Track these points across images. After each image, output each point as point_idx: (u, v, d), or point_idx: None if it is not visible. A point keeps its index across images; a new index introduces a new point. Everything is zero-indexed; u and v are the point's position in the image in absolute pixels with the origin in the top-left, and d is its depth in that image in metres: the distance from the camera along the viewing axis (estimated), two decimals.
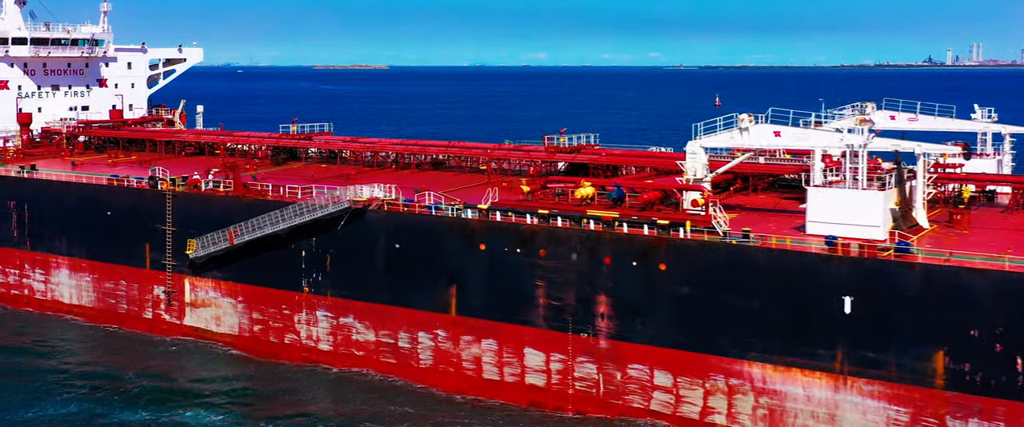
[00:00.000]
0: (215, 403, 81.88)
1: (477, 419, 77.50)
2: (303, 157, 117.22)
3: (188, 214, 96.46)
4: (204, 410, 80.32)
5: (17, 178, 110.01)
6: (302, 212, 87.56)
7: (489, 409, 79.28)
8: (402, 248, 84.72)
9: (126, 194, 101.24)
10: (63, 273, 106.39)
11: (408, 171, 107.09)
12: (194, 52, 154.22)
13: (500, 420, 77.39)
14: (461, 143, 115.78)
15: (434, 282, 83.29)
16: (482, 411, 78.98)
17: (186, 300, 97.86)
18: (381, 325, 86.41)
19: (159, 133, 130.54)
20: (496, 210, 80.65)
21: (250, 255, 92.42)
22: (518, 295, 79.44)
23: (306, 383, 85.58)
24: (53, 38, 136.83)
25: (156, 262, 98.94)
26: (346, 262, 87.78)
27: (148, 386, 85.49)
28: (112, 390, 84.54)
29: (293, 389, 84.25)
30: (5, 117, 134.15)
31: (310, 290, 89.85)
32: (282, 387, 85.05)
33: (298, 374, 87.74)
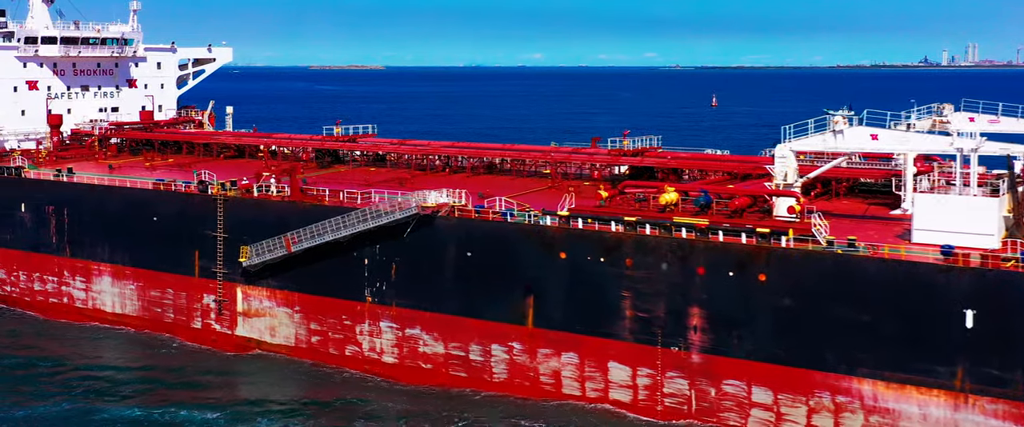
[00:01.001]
0: (273, 412, 77.49)
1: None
2: (350, 160, 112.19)
3: (240, 220, 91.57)
4: (265, 420, 75.63)
5: (56, 182, 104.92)
6: (366, 218, 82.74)
7: (570, 423, 74.49)
8: (474, 256, 79.98)
9: (174, 199, 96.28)
10: (105, 280, 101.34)
11: (461, 175, 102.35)
12: (223, 52, 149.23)
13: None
14: (517, 146, 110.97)
15: (509, 292, 78.60)
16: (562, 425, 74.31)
17: (238, 309, 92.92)
18: (451, 337, 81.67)
19: (197, 135, 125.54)
20: (578, 217, 75.92)
21: (307, 263, 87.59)
22: (602, 306, 74.84)
23: (369, 394, 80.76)
24: (83, 37, 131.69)
25: (206, 270, 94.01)
26: (413, 271, 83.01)
27: (204, 397, 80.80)
28: (165, 399, 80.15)
29: (356, 400, 79.48)
30: (35, 118, 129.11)
31: (373, 300, 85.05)
32: (344, 396, 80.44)
33: (360, 385, 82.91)
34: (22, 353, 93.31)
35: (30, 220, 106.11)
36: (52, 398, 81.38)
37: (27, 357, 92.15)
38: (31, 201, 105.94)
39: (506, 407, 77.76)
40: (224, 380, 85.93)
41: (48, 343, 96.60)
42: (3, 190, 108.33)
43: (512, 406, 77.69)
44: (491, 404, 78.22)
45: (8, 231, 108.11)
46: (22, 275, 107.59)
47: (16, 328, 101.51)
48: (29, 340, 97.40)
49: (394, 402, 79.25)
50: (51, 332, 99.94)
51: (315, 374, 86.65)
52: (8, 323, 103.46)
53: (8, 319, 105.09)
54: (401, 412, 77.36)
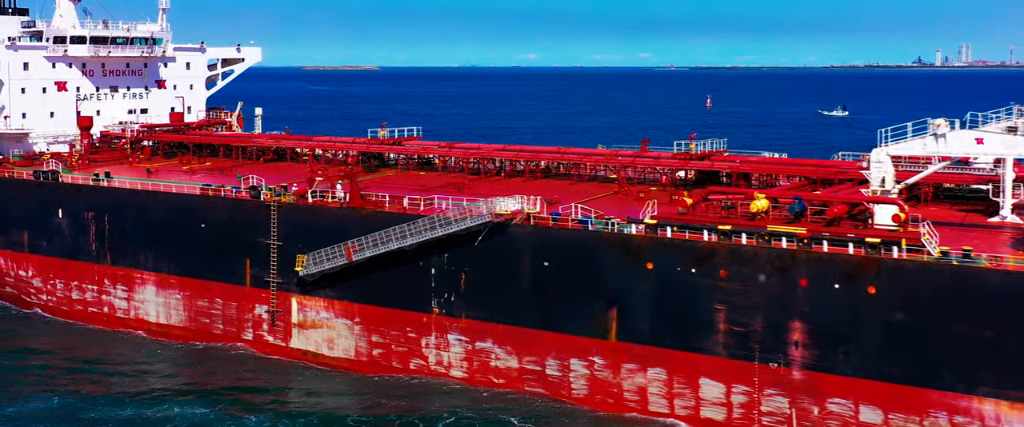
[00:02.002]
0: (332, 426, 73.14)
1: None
2: (398, 163, 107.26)
3: (295, 227, 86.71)
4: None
5: (96, 187, 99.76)
6: (435, 226, 77.98)
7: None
8: (552, 266, 75.30)
9: (223, 205, 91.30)
10: (149, 290, 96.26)
11: (517, 179, 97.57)
12: (252, 52, 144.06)
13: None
14: (575, 149, 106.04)
15: (590, 304, 73.95)
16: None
17: (293, 320, 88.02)
18: (526, 350, 76.97)
19: (233, 138, 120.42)
20: (666, 225, 71.26)
21: (368, 272, 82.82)
22: (692, 319, 70.25)
23: (436, 409, 75.88)
24: (112, 37, 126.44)
25: (258, 279, 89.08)
26: (484, 281, 78.30)
27: (259, 407, 76.57)
28: (217, 408, 76.43)
29: (420, 418, 74.66)
30: (64, 120, 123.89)
31: (441, 311, 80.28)
32: (408, 412, 75.82)
33: (426, 400, 78.11)
34: (64, 361, 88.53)
35: (68, 226, 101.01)
36: (102, 406, 77.44)
37: (69, 366, 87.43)
38: (69, 206, 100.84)
39: (586, 423, 73.21)
40: (278, 392, 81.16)
41: (90, 351, 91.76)
42: (39, 195, 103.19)
43: (593, 422, 73.16)
44: (570, 417, 73.61)
45: (44, 237, 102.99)
46: (59, 283, 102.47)
47: (54, 334, 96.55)
48: (64, 346, 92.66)
49: (464, 417, 74.43)
50: (95, 341, 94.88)
51: (377, 388, 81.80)
52: (52, 331, 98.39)
53: (50, 327, 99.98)
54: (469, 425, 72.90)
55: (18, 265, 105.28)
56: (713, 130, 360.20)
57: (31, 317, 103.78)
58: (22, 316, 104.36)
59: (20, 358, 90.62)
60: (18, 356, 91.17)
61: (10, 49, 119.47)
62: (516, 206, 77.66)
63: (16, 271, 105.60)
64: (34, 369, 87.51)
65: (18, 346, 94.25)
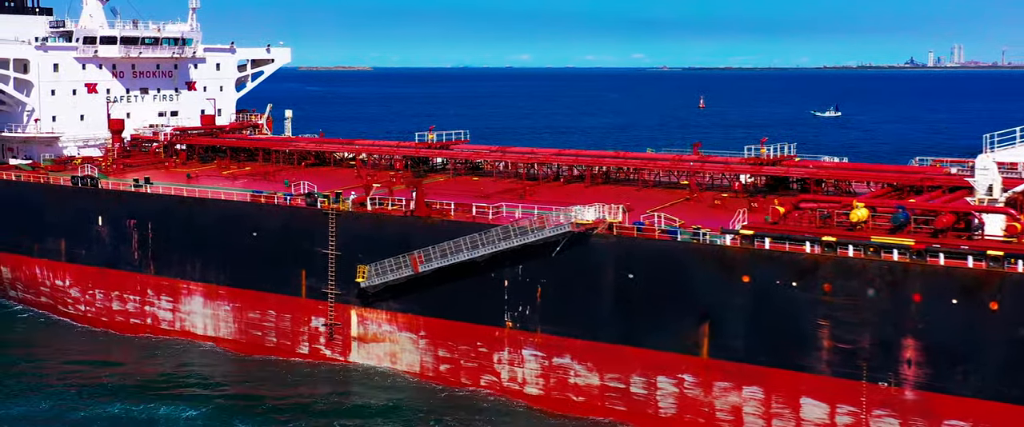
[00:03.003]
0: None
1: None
2: (449, 168, 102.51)
3: (354, 236, 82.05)
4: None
5: (138, 193, 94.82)
6: (510, 236, 73.38)
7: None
8: (637, 278, 70.73)
9: (277, 213, 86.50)
10: (196, 301, 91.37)
11: (577, 184, 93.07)
12: (282, 52, 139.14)
13: None
14: (640, 154, 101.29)
15: (679, 319, 69.44)
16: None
17: (353, 334, 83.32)
18: (608, 367, 72.44)
19: (273, 141, 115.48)
20: (763, 236, 66.79)
21: (434, 284, 78.23)
22: (793, 335, 65.80)
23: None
24: (143, 37, 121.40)
25: (314, 290, 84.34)
26: (563, 294, 73.73)
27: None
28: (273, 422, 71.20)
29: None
30: (94, 123, 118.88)
31: (514, 325, 75.69)
32: (479, 425, 71.45)
33: (498, 418, 73.60)
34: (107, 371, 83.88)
35: (108, 234, 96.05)
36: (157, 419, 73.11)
37: (121, 380, 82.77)
38: (109, 213, 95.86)
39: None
40: (337, 409, 76.46)
41: (132, 363, 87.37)
42: (77, 201, 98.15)
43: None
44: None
45: (82, 246, 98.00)
46: (98, 293, 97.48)
47: (92, 345, 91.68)
48: (103, 357, 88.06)
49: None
50: (138, 351, 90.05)
51: (444, 404, 77.20)
52: (90, 342, 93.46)
53: (88, 337, 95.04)
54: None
55: (54, 274, 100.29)
56: (706, 130, 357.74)
57: (68, 327, 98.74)
58: (61, 325, 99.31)
59: (53, 365, 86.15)
60: (50, 363, 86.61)
61: (40, 50, 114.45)
62: (597, 215, 73.06)
63: (52, 281, 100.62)
64: (65, 375, 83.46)
65: (54, 355, 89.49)
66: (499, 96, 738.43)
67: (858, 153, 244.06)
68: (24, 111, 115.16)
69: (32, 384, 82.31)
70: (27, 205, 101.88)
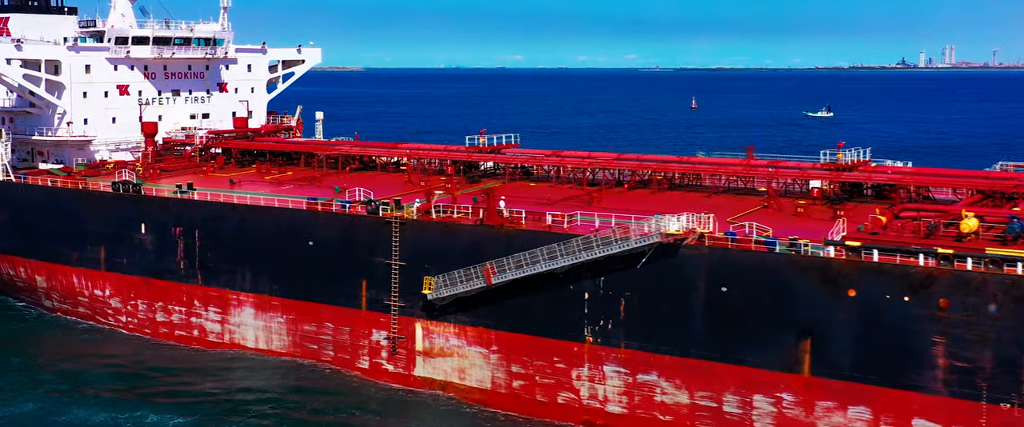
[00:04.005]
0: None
1: None
2: (506, 173, 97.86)
3: (420, 246, 77.40)
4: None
5: (185, 200, 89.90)
6: (592, 246, 68.86)
7: None
8: (730, 292, 66.28)
9: (335, 221, 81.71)
10: (246, 312, 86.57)
11: (641, 191, 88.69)
12: (312, 53, 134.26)
13: None
14: (708, 158, 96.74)
15: (778, 334, 65.04)
16: None
17: (417, 348, 78.66)
18: (698, 384, 67.99)
19: (316, 145, 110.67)
20: (872, 248, 62.42)
21: (506, 296, 73.68)
22: (904, 353, 61.48)
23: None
24: (175, 37, 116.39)
25: (375, 302, 79.68)
26: (649, 307, 69.25)
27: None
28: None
29: None
30: (126, 126, 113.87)
31: (595, 340, 71.19)
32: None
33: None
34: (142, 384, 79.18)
35: (152, 242, 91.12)
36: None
37: (168, 396, 78.11)
38: (153, 221, 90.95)
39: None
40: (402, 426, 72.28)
41: (181, 376, 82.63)
42: (119, 208, 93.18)
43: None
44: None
45: (124, 254, 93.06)
46: (141, 304, 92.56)
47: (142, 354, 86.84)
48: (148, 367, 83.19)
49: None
50: (188, 364, 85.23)
51: (517, 423, 72.82)
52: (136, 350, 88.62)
53: (130, 344, 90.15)
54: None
55: (93, 284, 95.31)
56: (698, 130, 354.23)
57: (108, 337, 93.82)
58: (101, 334, 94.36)
59: (92, 376, 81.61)
60: (89, 374, 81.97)
61: (72, 50, 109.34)
62: (685, 225, 68.60)
63: (91, 290, 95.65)
64: (107, 388, 79.45)
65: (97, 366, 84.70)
66: (494, 97, 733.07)
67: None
68: (55, 114, 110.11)
69: (73, 397, 77.86)
70: (64, 212, 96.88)
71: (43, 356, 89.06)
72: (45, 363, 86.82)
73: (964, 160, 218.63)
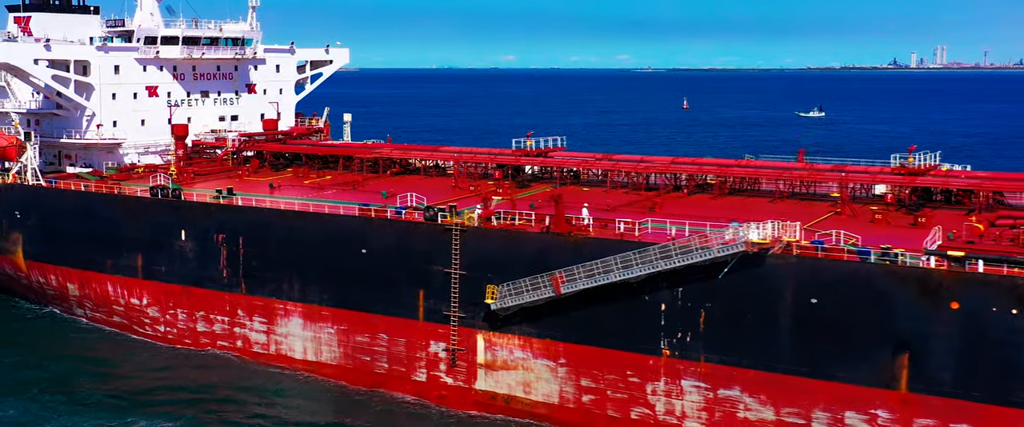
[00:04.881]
0: None
1: None
2: (555, 177, 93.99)
3: (481, 254, 73.46)
4: None
5: (228, 206, 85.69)
6: (671, 255, 65.03)
7: None
8: (821, 304, 62.49)
9: (390, 228, 77.64)
10: (294, 322, 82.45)
11: (701, 196, 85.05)
12: (340, 53, 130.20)
13: None
14: (767, 163, 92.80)
15: (873, 348, 61.33)
16: None
17: (479, 360, 74.70)
18: (785, 400, 64.23)
19: (354, 148, 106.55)
20: (977, 258, 58.73)
21: (575, 307, 69.79)
22: (1011, 369, 57.82)
23: None
24: (205, 37, 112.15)
25: (433, 312, 75.69)
26: (731, 319, 65.43)
27: None
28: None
29: None
30: (155, 128, 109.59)
31: (673, 353, 67.34)
32: None
33: None
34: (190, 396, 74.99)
35: (192, 250, 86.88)
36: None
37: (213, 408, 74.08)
38: (194, 227, 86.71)
39: None
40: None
41: (224, 388, 78.54)
42: (157, 214, 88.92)
43: None
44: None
45: (162, 262, 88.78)
46: (181, 313, 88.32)
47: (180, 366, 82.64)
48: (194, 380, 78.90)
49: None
50: (231, 376, 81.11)
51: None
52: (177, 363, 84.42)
53: (168, 357, 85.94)
54: None
55: (129, 292, 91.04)
56: (690, 131, 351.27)
57: (145, 347, 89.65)
58: (138, 345, 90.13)
59: (131, 388, 77.36)
60: (128, 387, 77.60)
61: (101, 51, 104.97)
62: (771, 233, 64.82)
63: (127, 299, 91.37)
64: (147, 403, 75.37)
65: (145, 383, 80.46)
66: (487, 98, 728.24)
67: (844, 153, 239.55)
68: (83, 116, 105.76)
69: (110, 410, 73.64)
70: (97, 217, 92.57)
71: (79, 365, 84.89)
72: (81, 373, 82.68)
73: (962, 159, 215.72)
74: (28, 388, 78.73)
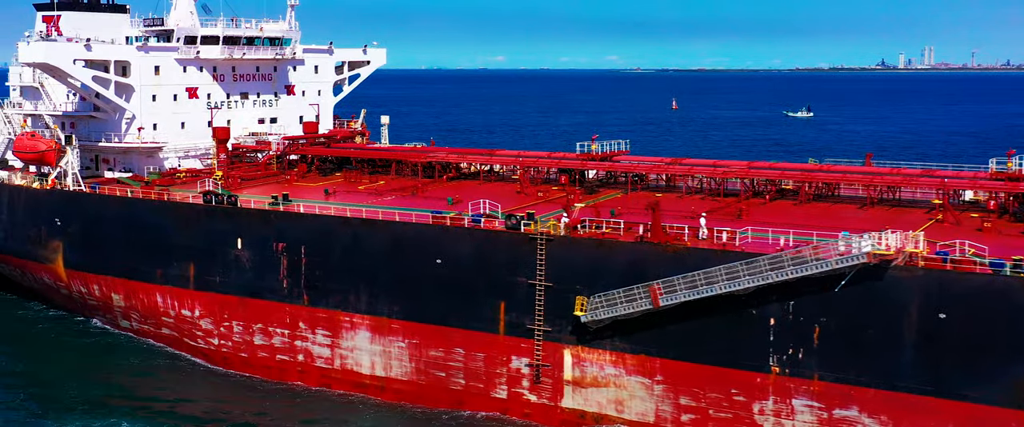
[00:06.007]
0: None
1: None
2: (629, 184, 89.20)
3: (568, 264, 68.58)
4: None
5: (289, 213, 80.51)
6: (783, 266, 60.36)
7: None
8: (950, 319, 57.88)
9: (469, 237, 72.64)
10: (361, 336, 77.33)
11: (782, 201, 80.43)
12: (378, 53, 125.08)
13: None
14: (861, 168, 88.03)
15: (1009, 367, 56.77)
16: None
17: (566, 376, 69.80)
18: (908, 422, 59.69)
19: (407, 152, 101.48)
20: None
21: (670, 321, 65.06)
22: None
23: None
24: (245, 37, 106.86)
25: (515, 325, 70.76)
26: (849, 335, 60.75)
27: None
28: None
29: None
30: (195, 131, 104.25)
31: (783, 370, 62.62)
32: None
33: None
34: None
35: (249, 259, 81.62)
36: None
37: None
38: (251, 236, 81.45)
39: None
40: None
41: (287, 404, 73.28)
42: (210, 222, 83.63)
43: None
44: None
45: (216, 272, 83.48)
46: (236, 326, 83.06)
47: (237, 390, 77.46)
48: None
49: None
50: (293, 392, 76.00)
51: None
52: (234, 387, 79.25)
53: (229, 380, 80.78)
54: None
55: (180, 303, 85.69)
56: (679, 130, 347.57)
57: (197, 362, 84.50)
58: (188, 359, 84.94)
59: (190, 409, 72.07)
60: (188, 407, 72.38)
61: (141, 51, 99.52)
62: (892, 243, 60.14)
63: (177, 310, 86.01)
64: None
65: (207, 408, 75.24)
66: (479, 99, 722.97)
67: (832, 153, 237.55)
68: (122, 119, 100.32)
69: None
70: (145, 225, 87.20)
71: (127, 382, 79.71)
72: (129, 390, 77.50)
73: (944, 159, 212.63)
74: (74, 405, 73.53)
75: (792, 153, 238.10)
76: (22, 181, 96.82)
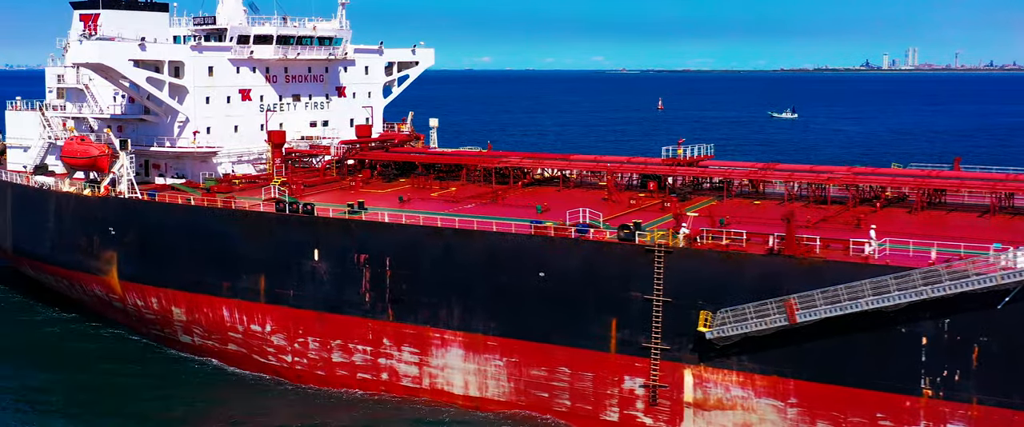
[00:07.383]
0: None
1: None
2: (724, 189, 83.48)
3: (689, 278, 62.88)
4: None
5: (372, 223, 74.34)
6: (941, 281, 54.80)
7: None
8: None
9: (576, 248, 66.69)
10: (453, 353, 71.26)
11: (892, 209, 75.02)
12: (426, 53, 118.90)
13: None
14: (948, 172, 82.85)
15: None
16: None
17: (686, 398, 64.02)
18: None
19: (476, 157, 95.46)
20: None
21: (806, 339, 59.43)
22: None
23: None
24: (298, 36, 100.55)
25: (628, 343, 64.94)
26: (1013, 356, 55.24)
27: None
28: None
29: None
30: (247, 135, 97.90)
31: (936, 393, 57.08)
32: None
33: None
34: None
35: (327, 271, 75.38)
36: None
37: None
38: (329, 246, 75.25)
39: None
40: None
41: None
42: (283, 232, 77.36)
43: None
44: None
45: (290, 285, 77.22)
46: (312, 342, 76.82)
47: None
48: None
49: None
50: (378, 414, 69.88)
51: None
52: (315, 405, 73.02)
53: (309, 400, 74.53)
54: None
55: (249, 318, 79.37)
56: (665, 130, 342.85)
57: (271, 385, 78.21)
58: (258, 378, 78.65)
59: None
60: None
61: (195, 51, 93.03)
62: None
63: (246, 325, 79.68)
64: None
65: None
66: (472, 100, 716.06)
67: (818, 154, 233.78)
68: (174, 122, 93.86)
69: None
70: (209, 234, 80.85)
71: (194, 396, 73.45)
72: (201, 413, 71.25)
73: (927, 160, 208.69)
74: None
75: (782, 154, 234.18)
76: (70, 188, 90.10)
